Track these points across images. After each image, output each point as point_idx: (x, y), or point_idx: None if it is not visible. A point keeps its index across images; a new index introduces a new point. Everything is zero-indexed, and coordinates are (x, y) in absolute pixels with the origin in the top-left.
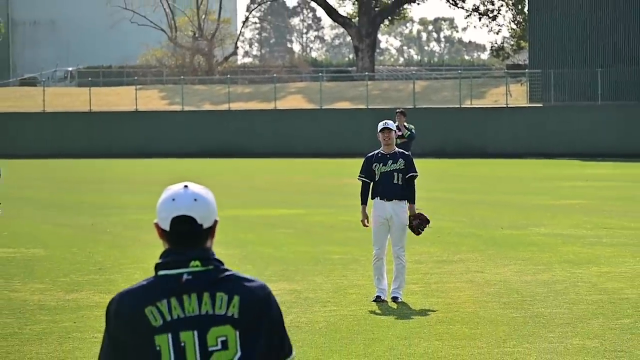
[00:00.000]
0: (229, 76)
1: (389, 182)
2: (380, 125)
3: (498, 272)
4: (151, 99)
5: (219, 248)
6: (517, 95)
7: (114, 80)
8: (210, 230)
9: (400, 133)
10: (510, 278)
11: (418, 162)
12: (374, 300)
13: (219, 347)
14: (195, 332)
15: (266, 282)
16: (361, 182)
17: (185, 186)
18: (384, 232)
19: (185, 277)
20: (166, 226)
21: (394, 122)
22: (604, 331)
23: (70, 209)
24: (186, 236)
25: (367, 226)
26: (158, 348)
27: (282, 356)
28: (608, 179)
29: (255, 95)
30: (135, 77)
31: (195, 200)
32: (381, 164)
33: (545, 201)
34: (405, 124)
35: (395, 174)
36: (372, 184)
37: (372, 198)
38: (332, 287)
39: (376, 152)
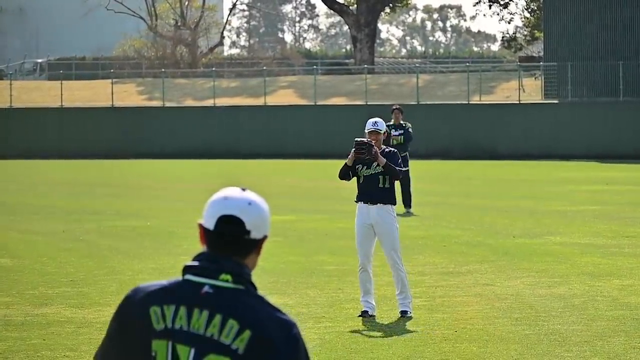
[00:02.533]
0: (214, 69)
1: (373, 186)
2: (369, 126)
3: (509, 285)
4: (129, 94)
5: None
6: (530, 90)
7: (87, 73)
8: (257, 244)
9: (396, 133)
10: (523, 292)
11: (421, 164)
12: (359, 316)
13: None
14: (193, 350)
15: None
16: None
17: (243, 189)
18: (368, 239)
19: (206, 289)
20: (211, 225)
21: (387, 120)
22: (626, 350)
23: (40, 214)
24: (229, 240)
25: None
26: (154, 354)
27: None
28: (630, 182)
29: (243, 90)
30: (111, 70)
31: (249, 204)
32: (364, 166)
33: (562, 207)
34: (402, 121)
35: (380, 177)
36: (357, 186)
37: (356, 201)
38: (327, 301)
39: None
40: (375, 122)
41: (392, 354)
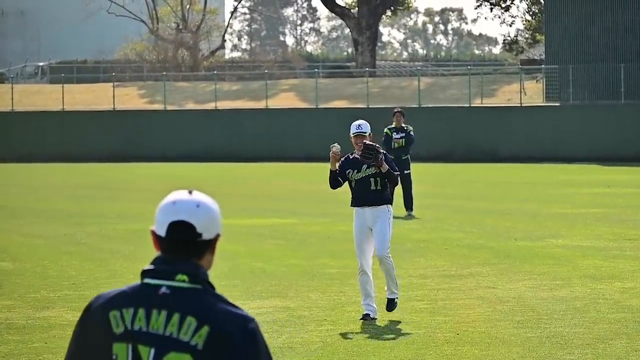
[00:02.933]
0: (215, 72)
1: (365, 189)
2: (353, 129)
3: (511, 287)
4: (130, 97)
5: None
6: (532, 93)
7: (89, 77)
8: (210, 244)
9: (398, 137)
10: (525, 294)
11: (423, 167)
12: (361, 319)
13: None
14: (153, 350)
15: (256, 298)
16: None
17: (190, 192)
18: (367, 242)
19: (163, 290)
20: (162, 232)
21: (389, 123)
22: (628, 353)
23: (42, 217)
24: (182, 245)
25: (333, 151)
26: (114, 357)
27: None
28: (632, 185)
29: (245, 93)
30: (113, 73)
31: (197, 206)
32: (355, 170)
33: (563, 210)
34: (404, 124)
35: (372, 179)
36: (350, 191)
37: (351, 206)
38: (328, 304)
39: (351, 155)
40: (359, 125)
41: (394, 357)
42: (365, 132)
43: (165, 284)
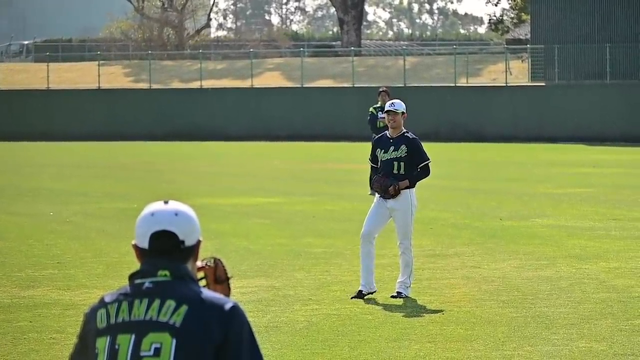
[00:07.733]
0: (201, 51)
1: (388, 171)
2: (387, 106)
3: (496, 267)
4: (115, 76)
5: None
6: (517, 72)
7: (74, 55)
8: (193, 250)
9: (382, 116)
10: (510, 274)
11: None
12: (353, 297)
13: (151, 353)
14: (133, 336)
15: (241, 277)
16: (370, 168)
17: (166, 202)
18: (379, 218)
19: (146, 284)
20: (145, 244)
21: (374, 103)
22: (613, 333)
23: (27, 196)
24: (166, 254)
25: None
26: (97, 351)
27: None
28: (617, 165)
29: (230, 72)
30: (98, 52)
31: (176, 214)
32: (382, 150)
33: (549, 189)
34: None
35: (395, 162)
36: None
37: None
38: (314, 284)
39: (384, 134)
40: (393, 102)
41: (379, 336)
42: (398, 110)
43: (149, 280)
